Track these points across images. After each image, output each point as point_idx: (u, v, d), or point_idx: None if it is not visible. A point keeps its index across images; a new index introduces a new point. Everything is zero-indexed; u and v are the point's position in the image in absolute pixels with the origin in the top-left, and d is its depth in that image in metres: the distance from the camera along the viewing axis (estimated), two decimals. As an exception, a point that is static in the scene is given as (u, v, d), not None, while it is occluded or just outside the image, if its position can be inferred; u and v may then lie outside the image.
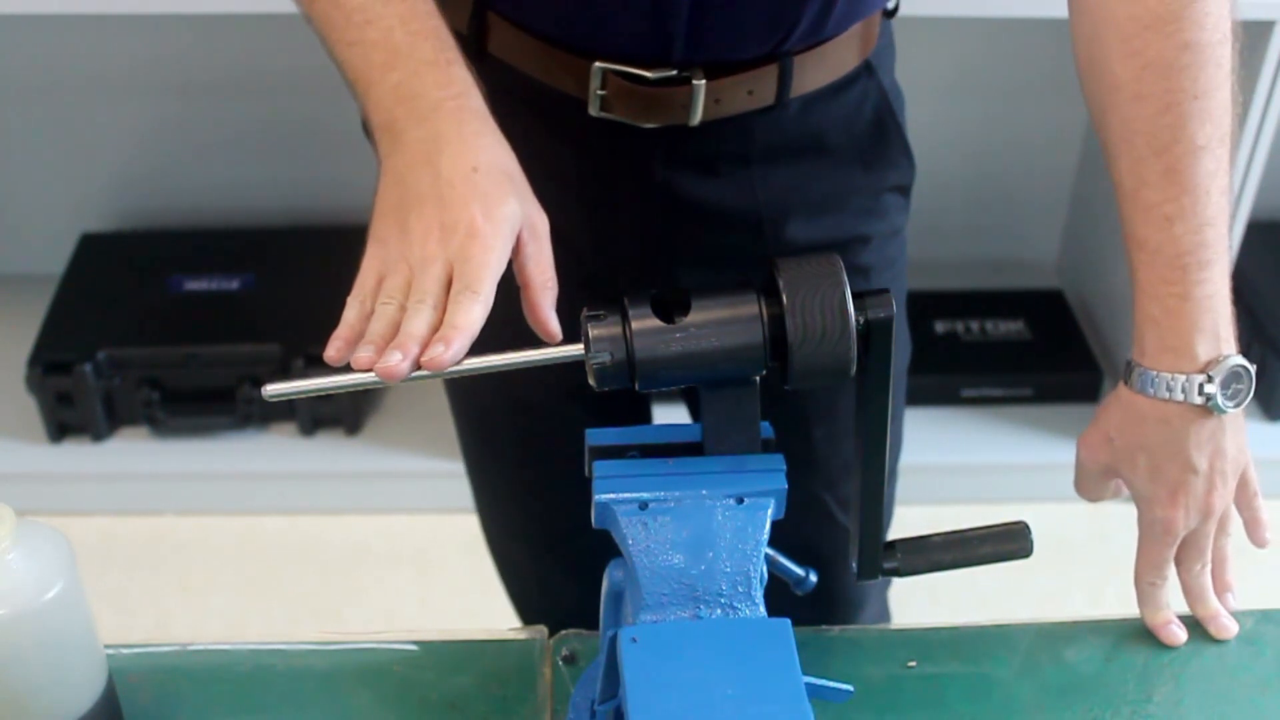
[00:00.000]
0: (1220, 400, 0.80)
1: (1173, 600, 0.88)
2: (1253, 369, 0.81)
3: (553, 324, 0.71)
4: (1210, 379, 0.80)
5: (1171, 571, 0.87)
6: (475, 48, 0.90)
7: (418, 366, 0.65)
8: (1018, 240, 2.30)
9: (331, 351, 0.68)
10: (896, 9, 0.96)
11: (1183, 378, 0.81)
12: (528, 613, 1.25)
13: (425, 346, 0.66)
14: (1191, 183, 0.78)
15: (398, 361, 0.65)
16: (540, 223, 0.73)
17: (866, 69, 0.93)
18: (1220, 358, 0.80)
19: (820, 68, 0.89)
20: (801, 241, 0.94)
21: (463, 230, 0.69)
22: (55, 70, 2.09)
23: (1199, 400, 0.81)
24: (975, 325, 2.15)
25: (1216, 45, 0.78)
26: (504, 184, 0.72)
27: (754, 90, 0.88)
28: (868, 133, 0.95)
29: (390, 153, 0.74)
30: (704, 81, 0.86)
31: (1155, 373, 0.82)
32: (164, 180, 2.22)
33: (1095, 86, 0.82)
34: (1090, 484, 0.90)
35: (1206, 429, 0.82)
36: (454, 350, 0.65)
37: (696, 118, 0.87)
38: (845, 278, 0.67)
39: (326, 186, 2.21)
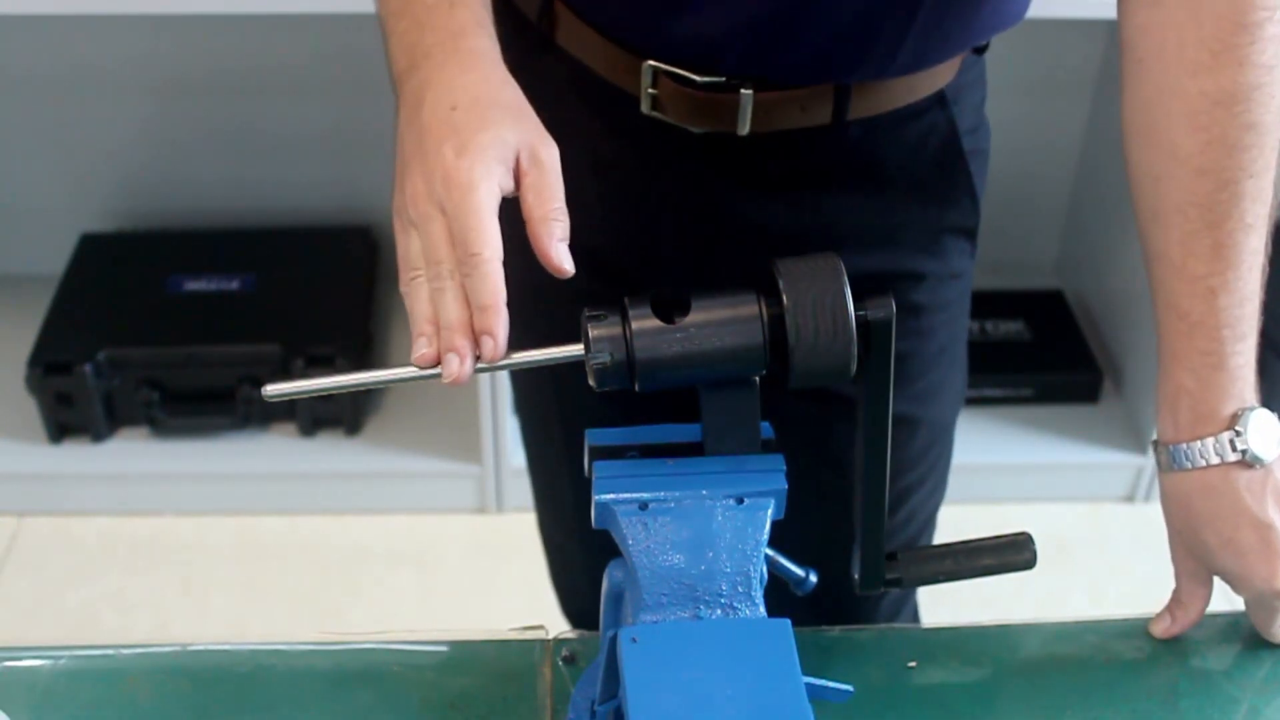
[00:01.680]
0: (1256, 451, 0.78)
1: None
2: (1274, 416, 0.79)
3: (556, 257, 0.66)
4: (1238, 433, 0.78)
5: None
6: (544, 38, 0.89)
7: (477, 359, 0.65)
8: (1018, 240, 2.30)
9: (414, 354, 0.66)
10: (987, 46, 0.92)
11: (1212, 440, 0.79)
12: (580, 613, 1.22)
13: (469, 329, 0.64)
14: (1237, 259, 0.78)
15: (458, 365, 0.64)
16: (544, 150, 0.68)
17: (939, 101, 0.90)
18: (1241, 410, 0.79)
19: (882, 94, 0.86)
20: (849, 271, 0.91)
21: (439, 177, 0.65)
22: (55, 70, 2.09)
23: (1234, 457, 0.78)
24: (975, 325, 2.15)
25: (1274, 126, 0.77)
26: (485, 114, 0.67)
27: (807, 108, 0.85)
28: (930, 167, 0.92)
29: (398, 110, 0.72)
30: (751, 92, 0.83)
31: (1185, 445, 0.80)
32: (164, 180, 2.22)
33: (1151, 153, 0.80)
34: (1194, 595, 0.85)
35: (1255, 480, 0.79)
36: (499, 336, 0.64)
37: (745, 127, 0.84)
38: (845, 278, 0.67)
39: (326, 186, 2.21)
